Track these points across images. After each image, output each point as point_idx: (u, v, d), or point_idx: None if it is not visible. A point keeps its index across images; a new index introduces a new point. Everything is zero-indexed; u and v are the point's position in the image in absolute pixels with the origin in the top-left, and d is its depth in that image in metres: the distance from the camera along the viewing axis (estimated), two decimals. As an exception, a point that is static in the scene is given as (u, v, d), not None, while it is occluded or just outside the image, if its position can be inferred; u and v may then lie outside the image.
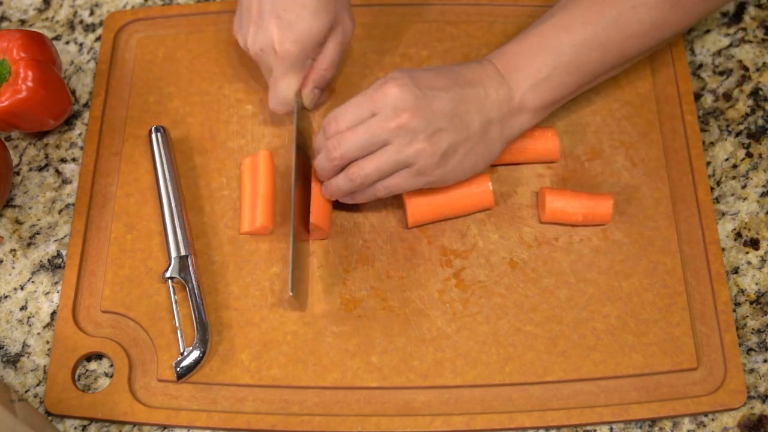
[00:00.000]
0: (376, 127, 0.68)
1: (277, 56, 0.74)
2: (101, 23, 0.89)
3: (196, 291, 0.73)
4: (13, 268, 0.78)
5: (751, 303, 0.74)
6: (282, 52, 0.74)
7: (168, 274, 0.74)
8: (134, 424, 0.71)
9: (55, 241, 0.79)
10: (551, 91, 0.71)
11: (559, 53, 0.71)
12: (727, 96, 0.84)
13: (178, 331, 0.72)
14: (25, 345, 0.75)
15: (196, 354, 0.71)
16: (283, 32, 0.73)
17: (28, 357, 0.74)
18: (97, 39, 0.89)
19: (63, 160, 0.83)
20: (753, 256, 0.76)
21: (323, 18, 0.73)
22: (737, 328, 0.73)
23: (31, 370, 0.74)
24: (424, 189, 0.73)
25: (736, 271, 0.76)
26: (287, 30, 0.73)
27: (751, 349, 0.73)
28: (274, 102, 0.77)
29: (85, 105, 0.85)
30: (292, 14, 0.73)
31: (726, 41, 0.86)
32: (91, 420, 0.71)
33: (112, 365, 0.74)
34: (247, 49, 0.76)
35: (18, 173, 0.82)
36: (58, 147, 0.83)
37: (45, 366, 0.74)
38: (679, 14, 0.72)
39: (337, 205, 0.77)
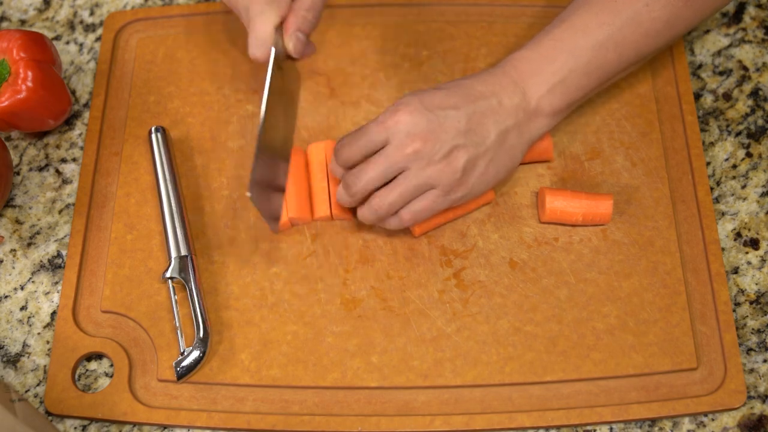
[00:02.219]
0: (393, 156, 0.68)
1: None
2: (101, 23, 0.89)
3: (196, 291, 0.73)
4: (13, 268, 0.78)
5: (751, 303, 0.74)
6: None
7: (168, 274, 0.74)
8: (134, 424, 0.71)
9: (55, 241, 0.79)
10: (568, 94, 0.72)
11: (576, 55, 0.71)
12: (727, 96, 0.84)
13: (178, 331, 0.72)
14: (25, 345, 0.75)
15: (196, 354, 0.71)
16: None
17: (28, 357, 0.74)
18: (97, 39, 0.89)
19: (63, 160, 0.83)
20: (753, 256, 0.76)
21: None
22: (737, 328, 0.73)
23: (31, 370, 0.74)
24: None
25: (736, 271, 0.76)
26: None
27: (751, 349, 0.73)
28: (252, 46, 0.70)
29: (85, 105, 0.85)
30: None
31: (726, 41, 0.86)
32: (91, 420, 0.71)
33: (112, 365, 0.74)
34: None
35: (18, 173, 0.82)
36: (58, 147, 0.83)
37: (45, 366, 0.74)
38: (692, 10, 0.72)
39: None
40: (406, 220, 0.71)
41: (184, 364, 0.71)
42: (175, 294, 0.74)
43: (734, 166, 0.80)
